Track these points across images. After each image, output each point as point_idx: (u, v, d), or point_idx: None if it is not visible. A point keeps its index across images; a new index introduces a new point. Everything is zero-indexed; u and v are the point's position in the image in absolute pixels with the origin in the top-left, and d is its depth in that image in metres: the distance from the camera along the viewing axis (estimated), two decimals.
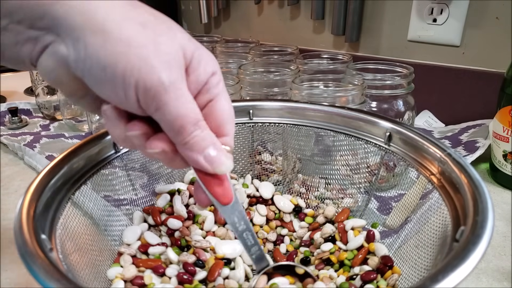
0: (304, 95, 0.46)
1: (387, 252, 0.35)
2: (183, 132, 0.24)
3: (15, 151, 0.64)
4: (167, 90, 0.23)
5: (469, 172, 0.29)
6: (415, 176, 0.40)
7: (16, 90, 0.99)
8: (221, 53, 0.69)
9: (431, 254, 0.30)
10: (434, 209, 0.32)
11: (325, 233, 0.39)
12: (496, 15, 0.64)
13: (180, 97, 0.24)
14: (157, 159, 0.27)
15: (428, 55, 0.73)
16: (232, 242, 0.38)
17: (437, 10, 0.69)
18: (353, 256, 0.36)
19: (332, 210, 0.41)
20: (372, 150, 0.40)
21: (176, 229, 0.38)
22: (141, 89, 0.23)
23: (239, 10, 1.04)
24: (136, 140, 0.26)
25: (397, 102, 0.51)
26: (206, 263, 0.35)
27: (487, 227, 0.24)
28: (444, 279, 0.21)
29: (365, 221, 0.39)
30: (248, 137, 0.46)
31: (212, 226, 0.40)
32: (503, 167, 0.53)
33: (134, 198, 0.41)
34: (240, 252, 0.37)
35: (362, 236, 0.37)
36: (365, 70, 0.54)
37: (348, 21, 0.79)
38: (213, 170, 0.25)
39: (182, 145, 0.25)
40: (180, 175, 0.45)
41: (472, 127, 0.66)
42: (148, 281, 0.33)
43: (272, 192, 0.44)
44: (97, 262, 0.34)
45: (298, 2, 0.89)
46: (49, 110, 0.78)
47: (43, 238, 0.26)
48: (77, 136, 0.70)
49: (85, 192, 0.35)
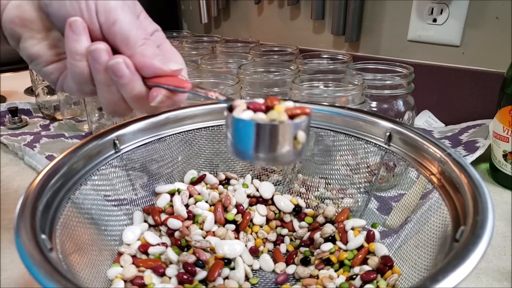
0: (304, 95, 0.46)
1: (387, 252, 0.35)
2: (136, 42, 0.29)
3: (15, 151, 0.64)
4: (123, 9, 0.28)
5: (469, 172, 0.29)
6: (415, 176, 0.40)
7: (16, 90, 0.99)
8: (221, 53, 0.69)
9: (431, 254, 0.30)
10: (434, 209, 0.32)
11: (325, 233, 0.39)
12: (496, 15, 0.64)
13: (134, 20, 0.29)
14: (117, 80, 0.28)
15: (428, 55, 0.73)
16: (232, 242, 0.38)
17: (437, 10, 0.69)
18: (353, 256, 0.36)
19: (332, 210, 0.41)
20: (372, 150, 0.40)
21: (176, 229, 0.38)
22: (100, 6, 0.28)
23: (239, 10, 1.04)
24: (99, 53, 0.28)
25: (397, 102, 0.51)
26: (206, 263, 0.35)
27: (487, 227, 0.24)
28: (444, 279, 0.21)
29: (365, 221, 0.39)
30: None
31: (212, 226, 0.40)
32: (503, 167, 0.53)
33: (134, 198, 0.41)
34: (240, 252, 0.37)
35: (362, 236, 0.37)
36: (365, 70, 0.54)
37: (348, 21, 0.79)
38: (167, 67, 0.29)
39: (137, 53, 0.29)
40: (180, 175, 0.45)
41: (472, 127, 0.66)
42: (148, 281, 0.33)
43: (272, 192, 0.44)
44: (97, 262, 0.34)
45: (298, 2, 0.89)
46: (49, 110, 0.78)
47: (43, 238, 0.26)
48: (77, 136, 0.70)
49: (85, 192, 0.35)
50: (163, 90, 0.29)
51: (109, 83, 0.29)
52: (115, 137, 0.38)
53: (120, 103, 0.30)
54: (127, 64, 0.28)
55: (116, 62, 0.28)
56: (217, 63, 0.63)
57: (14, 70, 1.14)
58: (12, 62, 1.15)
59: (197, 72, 0.57)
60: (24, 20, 0.30)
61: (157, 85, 0.29)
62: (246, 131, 0.25)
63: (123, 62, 0.28)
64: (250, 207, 0.43)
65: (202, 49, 0.73)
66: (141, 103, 0.30)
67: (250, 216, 0.42)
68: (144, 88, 0.29)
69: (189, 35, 0.91)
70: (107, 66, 0.28)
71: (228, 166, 0.47)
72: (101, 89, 0.30)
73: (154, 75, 0.29)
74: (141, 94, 0.29)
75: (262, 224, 0.42)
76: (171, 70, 0.29)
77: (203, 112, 0.43)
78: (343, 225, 0.39)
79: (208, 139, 0.45)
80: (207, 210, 0.41)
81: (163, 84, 0.29)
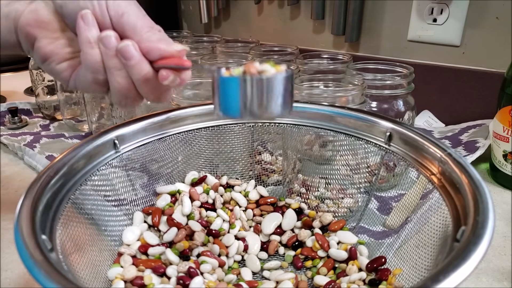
0: (304, 95, 0.46)
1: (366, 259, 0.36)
2: (142, 30, 0.32)
3: (15, 151, 0.64)
4: (130, 4, 0.32)
5: (470, 172, 0.29)
6: (415, 176, 0.40)
7: (16, 90, 0.99)
8: (221, 53, 0.69)
9: (431, 254, 0.30)
10: (435, 209, 0.32)
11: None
12: (496, 15, 0.64)
13: (140, 13, 0.32)
14: (126, 62, 0.31)
15: (428, 55, 0.73)
16: None
17: (437, 10, 0.69)
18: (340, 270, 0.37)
19: (329, 217, 0.41)
20: (372, 150, 0.40)
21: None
22: (110, 2, 0.32)
23: (239, 10, 1.04)
24: (109, 39, 0.31)
25: (397, 102, 0.51)
26: None
27: (487, 227, 0.24)
28: (446, 279, 0.21)
29: (356, 238, 0.39)
30: (248, 137, 0.46)
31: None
32: (503, 167, 0.53)
33: (134, 198, 0.41)
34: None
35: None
36: (365, 70, 0.54)
37: (348, 21, 0.79)
38: (172, 48, 0.32)
39: (144, 39, 0.32)
40: (180, 175, 0.45)
41: (472, 127, 0.66)
42: (148, 281, 0.33)
43: (274, 227, 0.42)
44: (97, 262, 0.33)
45: (298, 2, 0.89)
46: (49, 110, 0.78)
47: (43, 238, 0.25)
48: (77, 136, 0.70)
49: (85, 192, 0.34)
50: (171, 70, 0.32)
51: (120, 67, 0.32)
52: (115, 137, 0.38)
53: (130, 88, 0.33)
54: (135, 47, 0.31)
55: (125, 45, 0.31)
56: (217, 63, 0.63)
57: (14, 70, 1.14)
58: (12, 62, 1.15)
59: (197, 72, 0.57)
60: (40, 22, 0.33)
61: (163, 66, 0.31)
62: (232, 88, 0.27)
63: (131, 45, 0.31)
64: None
65: (202, 49, 0.73)
66: (150, 86, 0.32)
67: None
68: (152, 70, 0.32)
69: (189, 35, 0.91)
70: (117, 49, 0.31)
71: (228, 166, 0.47)
72: (112, 74, 0.32)
73: (160, 57, 0.31)
74: (149, 75, 0.32)
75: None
76: (176, 51, 0.32)
77: (203, 112, 0.43)
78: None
79: (208, 139, 0.45)
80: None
81: (169, 64, 0.31)
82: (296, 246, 0.40)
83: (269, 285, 0.35)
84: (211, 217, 0.41)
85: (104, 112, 0.66)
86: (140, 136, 0.40)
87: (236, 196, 0.43)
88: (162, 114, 0.41)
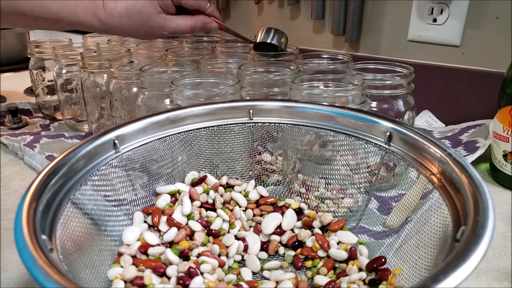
0: (304, 95, 0.46)
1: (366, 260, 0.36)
2: (202, 3, 0.58)
3: (15, 151, 0.64)
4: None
5: (470, 172, 0.29)
6: (415, 176, 0.40)
7: (16, 90, 0.99)
8: (221, 53, 0.69)
9: (431, 254, 0.30)
10: (435, 209, 0.32)
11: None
12: (496, 15, 0.64)
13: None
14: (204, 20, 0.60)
15: (428, 55, 0.73)
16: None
17: (437, 10, 0.69)
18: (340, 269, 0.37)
19: (329, 217, 0.41)
20: (372, 150, 0.40)
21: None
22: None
23: (239, 10, 1.04)
24: (211, 25, 0.61)
25: (397, 102, 0.51)
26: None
27: (488, 227, 0.24)
28: (446, 279, 0.21)
29: (356, 238, 0.39)
30: (248, 137, 0.46)
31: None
32: (503, 167, 0.53)
33: (134, 198, 0.41)
34: None
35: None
36: (365, 70, 0.54)
37: (348, 21, 0.79)
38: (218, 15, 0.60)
39: (203, 8, 0.59)
40: (180, 175, 0.45)
41: (472, 127, 0.66)
42: (148, 281, 0.33)
43: (274, 227, 0.42)
44: (97, 263, 0.33)
45: (298, 2, 0.89)
46: (49, 110, 0.78)
47: (43, 238, 0.25)
48: (77, 136, 0.70)
49: (85, 193, 0.34)
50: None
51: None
52: (115, 137, 0.38)
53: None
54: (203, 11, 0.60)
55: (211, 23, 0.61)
56: (217, 63, 0.63)
57: (14, 70, 1.14)
58: (12, 62, 1.15)
59: (197, 72, 0.56)
60: None
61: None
62: None
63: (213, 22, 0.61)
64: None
65: (202, 49, 0.73)
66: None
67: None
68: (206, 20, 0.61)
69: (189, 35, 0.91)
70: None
71: (228, 166, 0.47)
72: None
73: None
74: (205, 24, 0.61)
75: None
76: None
77: (203, 112, 0.43)
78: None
79: (208, 139, 0.45)
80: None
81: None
82: (296, 246, 0.40)
83: (269, 285, 0.35)
84: (211, 217, 0.41)
85: (104, 112, 0.66)
86: (140, 136, 0.40)
87: (236, 196, 0.43)
88: (162, 114, 0.41)
